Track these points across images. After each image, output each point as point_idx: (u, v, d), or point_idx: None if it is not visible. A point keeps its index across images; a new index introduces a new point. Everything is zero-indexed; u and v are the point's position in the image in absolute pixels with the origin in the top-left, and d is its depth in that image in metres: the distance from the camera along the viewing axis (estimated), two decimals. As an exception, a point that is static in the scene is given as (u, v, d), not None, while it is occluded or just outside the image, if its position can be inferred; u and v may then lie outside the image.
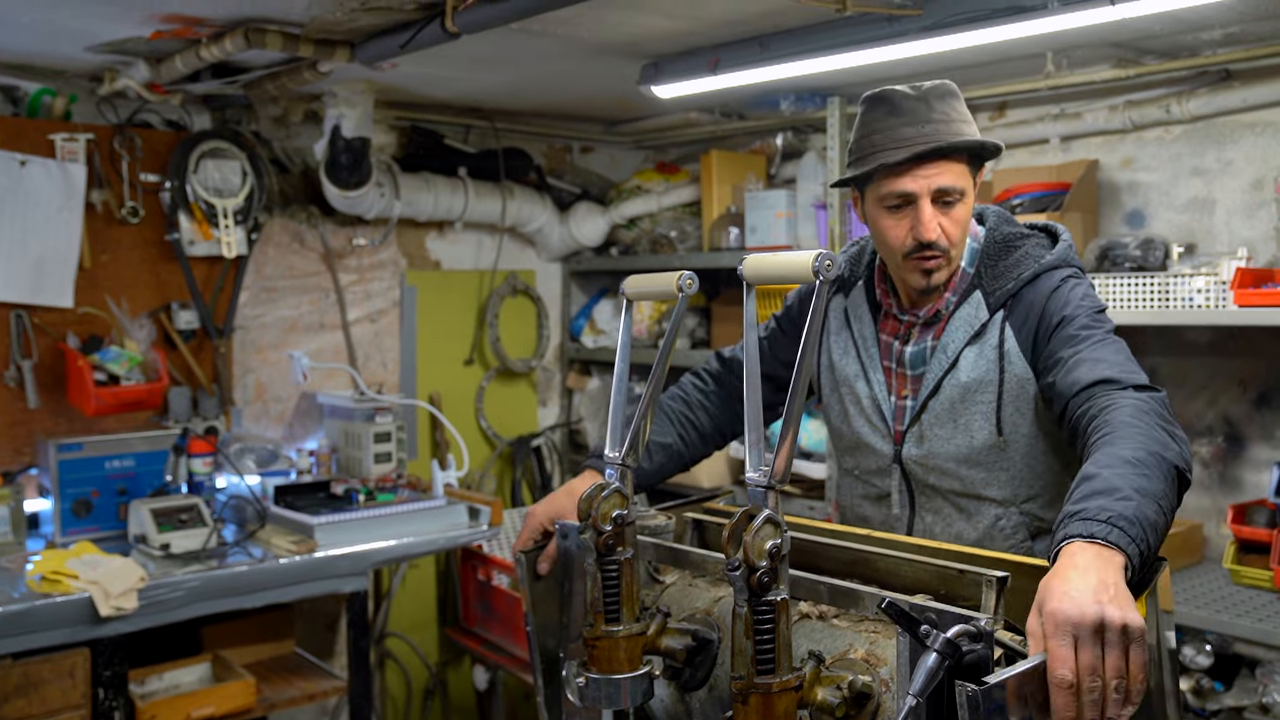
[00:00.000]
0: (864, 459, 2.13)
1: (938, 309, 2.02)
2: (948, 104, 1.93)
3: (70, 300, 3.53)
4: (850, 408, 2.13)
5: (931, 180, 1.90)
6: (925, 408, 2.00)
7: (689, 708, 1.58)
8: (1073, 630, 1.20)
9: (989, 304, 1.97)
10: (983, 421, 1.96)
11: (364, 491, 3.54)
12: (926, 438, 2.01)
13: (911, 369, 2.04)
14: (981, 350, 1.96)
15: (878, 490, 2.12)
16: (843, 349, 2.15)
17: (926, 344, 2.03)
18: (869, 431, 2.09)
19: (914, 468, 2.04)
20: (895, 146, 1.90)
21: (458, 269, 4.56)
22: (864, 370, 2.09)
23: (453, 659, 4.49)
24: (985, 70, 3.32)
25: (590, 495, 1.51)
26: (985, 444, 1.96)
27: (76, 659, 2.83)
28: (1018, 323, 1.94)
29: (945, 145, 1.89)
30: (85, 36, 3.03)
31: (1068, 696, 1.18)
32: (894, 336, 2.08)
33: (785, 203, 3.92)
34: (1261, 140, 3.12)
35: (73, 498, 3.30)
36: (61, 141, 3.49)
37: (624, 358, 1.64)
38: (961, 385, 1.96)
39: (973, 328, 1.97)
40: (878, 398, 2.07)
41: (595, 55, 3.26)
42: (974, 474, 1.98)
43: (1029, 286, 1.95)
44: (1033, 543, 2.00)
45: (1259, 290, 2.71)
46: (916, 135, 1.89)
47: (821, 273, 1.31)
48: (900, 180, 1.91)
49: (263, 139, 3.96)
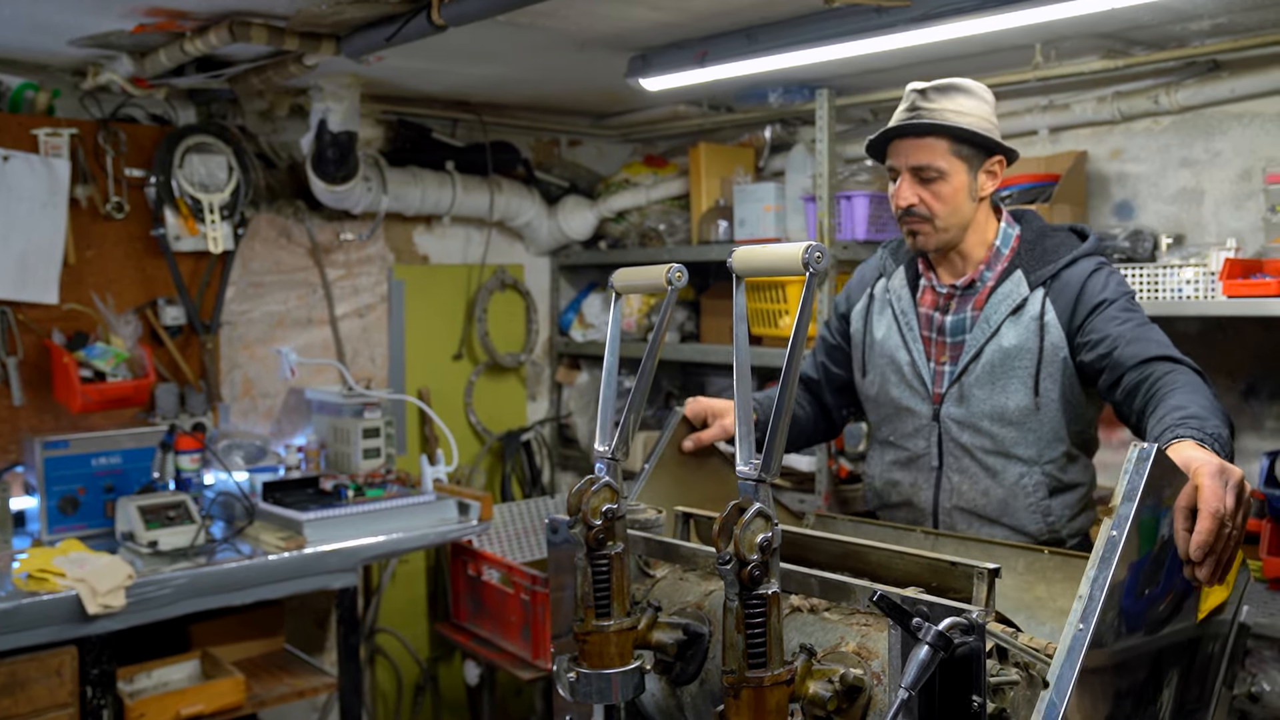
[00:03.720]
0: (901, 424, 2.40)
1: (972, 279, 2.32)
2: (949, 97, 2.23)
3: (55, 296, 3.51)
4: (891, 376, 2.40)
5: (909, 157, 2.26)
6: (966, 370, 2.28)
7: (680, 702, 1.57)
8: (1223, 476, 1.48)
9: (1029, 281, 2.25)
10: (1019, 385, 2.24)
11: (353, 487, 3.53)
12: (967, 398, 2.29)
13: (951, 336, 2.32)
14: (1021, 321, 2.24)
15: (909, 453, 2.39)
16: (885, 326, 2.43)
17: (966, 314, 2.31)
18: (908, 396, 2.37)
19: (950, 425, 2.31)
20: (891, 127, 2.28)
21: (446, 263, 4.55)
22: (904, 341, 2.38)
23: (443, 654, 4.48)
24: (974, 62, 3.31)
25: (580, 490, 1.51)
26: (1021, 405, 2.24)
27: (64, 657, 2.82)
28: (1056, 298, 2.22)
29: (918, 125, 2.22)
30: (68, 30, 3.00)
31: (1214, 522, 1.43)
32: (934, 309, 2.36)
33: (774, 195, 3.91)
34: (1250, 131, 3.12)
35: (59, 495, 3.28)
36: (45, 136, 3.46)
37: (613, 351, 1.64)
38: (1003, 351, 2.24)
39: (1014, 302, 2.25)
40: (918, 364, 2.35)
41: (582, 48, 3.25)
42: (1006, 432, 2.26)
43: (1068, 269, 2.24)
44: (1050, 500, 2.28)
45: (1247, 281, 2.72)
46: (907, 118, 2.25)
47: (811, 264, 1.30)
48: (891, 154, 2.31)
49: (248, 133, 3.94)
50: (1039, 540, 2.26)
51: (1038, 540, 2.26)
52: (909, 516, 2.42)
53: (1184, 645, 1.55)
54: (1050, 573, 1.90)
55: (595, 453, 1.59)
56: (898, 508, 2.45)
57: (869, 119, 4.04)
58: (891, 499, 2.46)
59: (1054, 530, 2.29)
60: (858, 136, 4.03)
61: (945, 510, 2.35)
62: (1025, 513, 2.28)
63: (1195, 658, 1.61)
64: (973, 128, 2.22)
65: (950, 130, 2.22)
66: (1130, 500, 1.34)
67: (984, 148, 2.26)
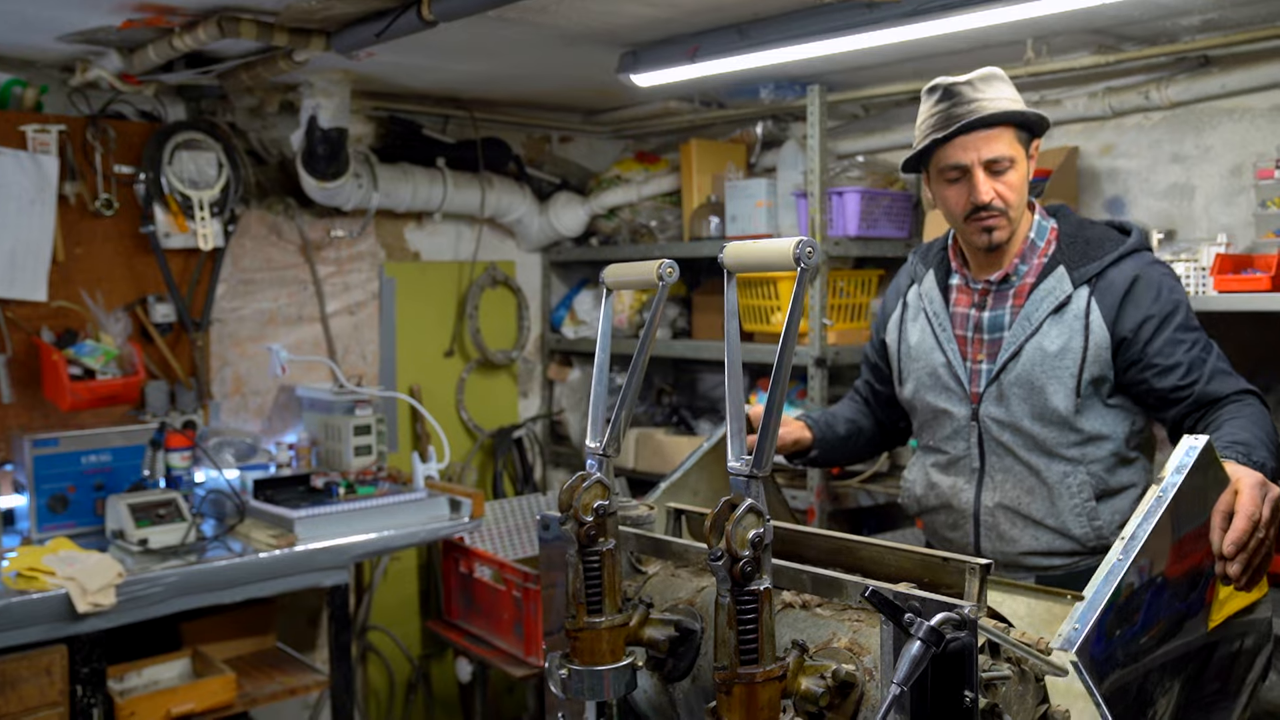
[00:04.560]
0: (940, 427, 2.37)
1: (1007, 274, 2.28)
2: (992, 85, 2.20)
3: (44, 294, 3.49)
4: (926, 380, 2.38)
5: (980, 151, 2.18)
6: (1005, 369, 2.24)
7: (672, 699, 1.57)
8: (1263, 489, 1.62)
9: (1073, 279, 2.21)
10: (1059, 385, 2.19)
11: (344, 484, 3.52)
12: (1006, 397, 2.25)
13: (989, 333, 2.29)
14: (1064, 320, 2.20)
15: (949, 456, 2.36)
16: (919, 331, 2.41)
17: (1005, 311, 2.28)
18: (945, 398, 2.34)
19: (990, 425, 2.28)
20: (945, 125, 2.18)
21: (437, 260, 4.54)
22: (939, 343, 2.35)
23: (435, 652, 4.47)
24: (965, 58, 3.31)
25: (571, 486, 1.50)
26: (1063, 405, 2.19)
27: (54, 656, 2.81)
28: (1102, 298, 2.18)
29: (987, 116, 2.15)
30: (55, 25, 2.99)
31: (1249, 524, 1.56)
32: (970, 306, 2.33)
33: (766, 192, 3.90)
34: (1240, 126, 3.13)
35: (49, 494, 3.27)
36: (33, 133, 3.44)
37: (604, 347, 1.63)
38: (1044, 350, 2.20)
39: (1057, 299, 2.21)
40: (953, 364, 2.32)
41: (573, 43, 3.24)
42: (1048, 432, 2.22)
43: (1114, 266, 2.20)
44: (1097, 504, 2.23)
45: (1238, 276, 2.72)
46: (964, 113, 2.17)
47: (803, 259, 1.30)
48: (953, 153, 2.20)
49: (238, 130, 3.92)
50: (1085, 546, 2.23)
51: (1084, 546, 2.23)
52: (948, 520, 2.38)
53: (1186, 657, 1.56)
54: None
55: (587, 449, 1.58)
56: (936, 511, 2.41)
57: (860, 115, 4.04)
58: (930, 503, 2.42)
59: (1101, 536, 2.22)
60: (849, 133, 4.03)
61: (987, 510, 2.30)
62: (1070, 515, 2.23)
63: (1211, 658, 1.63)
64: (1023, 110, 2.20)
65: (1015, 117, 2.19)
66: (1180, 473, 1.52)
67: (1031, 133, 2.24)
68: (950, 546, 2.38)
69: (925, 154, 2.25)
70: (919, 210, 3.79)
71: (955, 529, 2.37)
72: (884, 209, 3.70)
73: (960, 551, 2.30)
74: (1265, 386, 3.14)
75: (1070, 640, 1.36)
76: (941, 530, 2.42)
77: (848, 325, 3.73)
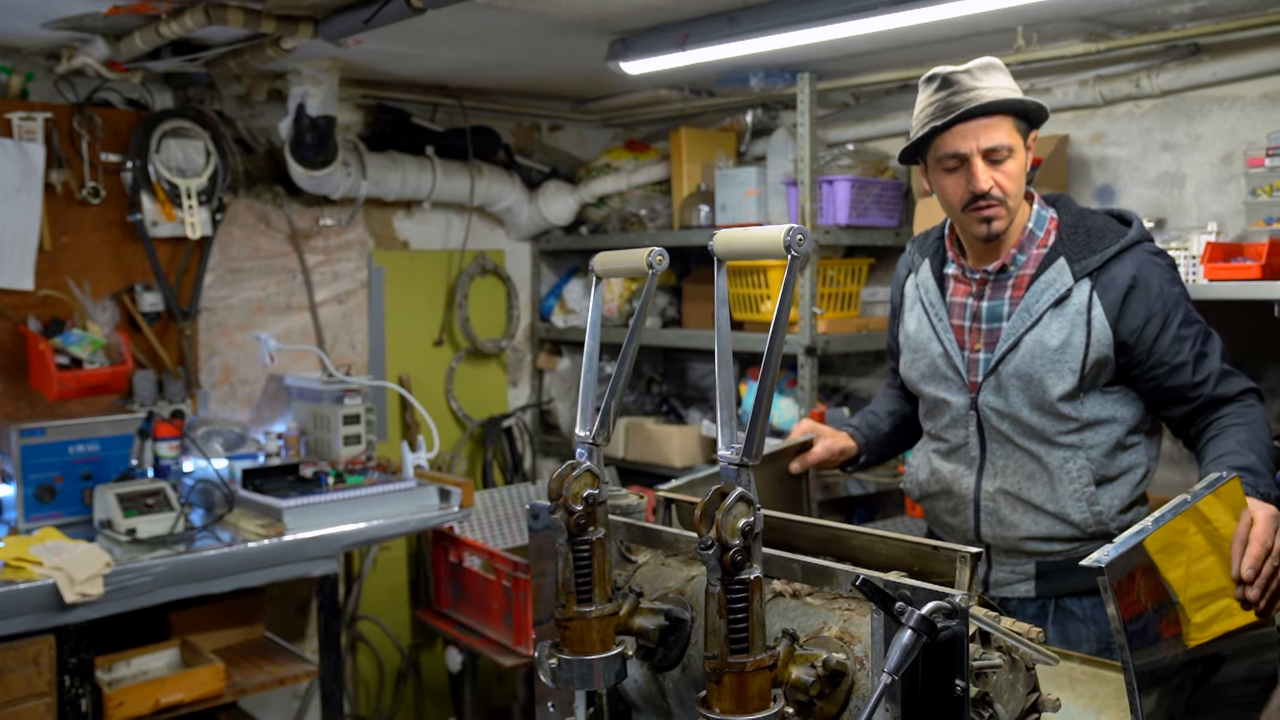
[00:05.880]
0: (941, 415, 2.39)
1: (1004, 264, 2.27)
2: (991, 75, 2.20)
3: (31, 282, 3.47)
4: (925, 369, 2.39)
5: (980, 139, 2.17)
6: (1003, 360, 2.24)
7: (662, 688, 1.57)
8: (1276, 521, 1.73)
9: (1074, 271, 2.20)
10: (1059, 378, 2.19)
11: (333, 474, 3.51)
12: (1004, 387, 2.25)
13: (988, 323, 2.29)
14: (1066, 313, 2.19)
15: (950, 444, 2.38)
16: (917, 320, 2.43)
17: (1003, 301, 2.28)
18: (944, 387, 2.36)
19: (989, 414, 2.28)
20: (944, 114, 2.17)
21: (426, 249, 4.52)
22: (935, 332, 2.37)
23: (425, 642, 4.47)
24: (955, 45, 3.30)
25: (561, 475, 1.50)
26: (1062, 396, 2.20)
27: (41, 646, 2.79)
28: (1104, 292, 2.18)
29: (986, 104, 2.15)
30: (41, 12, 2.96)
31: (1262, 549, 1.67)
32: (967, 296, 2.33)
33: (756, 180, 3.90)
34: (1230, 114, 3.13)
35: (36, 483, 3.25)
36: (19, 121, 3.42)
37: (594, 336, 1.62)
38: (1044, 344, 2.20)
39: (1058, 292, 2.20)
40: (950, 354, 2.33)
41: (563, 31, 3.23)
42: (1047, 421, 2.23)
43: (1116, 259, 2.19)
44: (1096, 489, 2.24)
45: (1229, 264, 2.73)
46: (963, 101, 2.16)
47: (793, 247, 1.29)
48: (952, 142, 2.19)
49: (226, 118, 3.90)
50: (1084, 531, 2.23)
51: (1083, 531, 2.23)
52: (948, 505, 2.39)
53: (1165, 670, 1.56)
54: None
55: (576, 438, 1.57)
56: (937, 497, 2.43)
57: (850, 103, 4.03)
58: (932, 488, 2.44)
59: (1100, 522, 2.23)
60: (839, 121, 4.02)
61: (988, 495, 2.31)
62: (1070, 500, 2.23)
63: (1214, 670, 1.67)
64: (1022, 99, 2.20)
65: (1015, 106, 2.19)
66: (1207, 489, 1.67)
67: (1030, 123, 2.24)
68: (950, 532, 2.40)
69: (923, 144, 2.25)
70: (909, 199, 3.78)
71: (955, 514, 2.38)
72: (874, 197, 3.70)
73: (961, 537, 2.33)
74: (1256, 375, 3.14)
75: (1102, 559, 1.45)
76: (942, 516, 2.43)
77: (838, 314, 3.73)
